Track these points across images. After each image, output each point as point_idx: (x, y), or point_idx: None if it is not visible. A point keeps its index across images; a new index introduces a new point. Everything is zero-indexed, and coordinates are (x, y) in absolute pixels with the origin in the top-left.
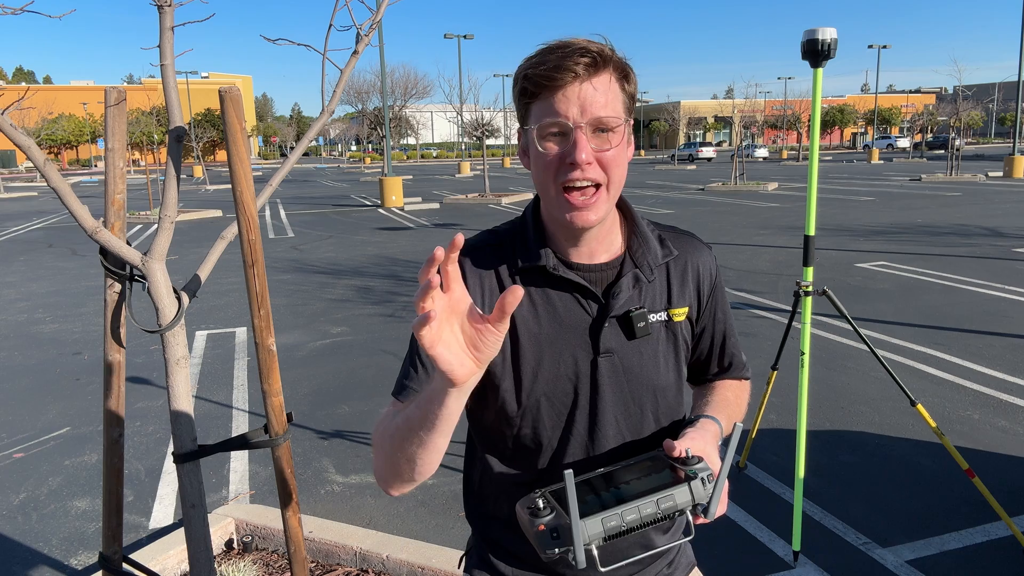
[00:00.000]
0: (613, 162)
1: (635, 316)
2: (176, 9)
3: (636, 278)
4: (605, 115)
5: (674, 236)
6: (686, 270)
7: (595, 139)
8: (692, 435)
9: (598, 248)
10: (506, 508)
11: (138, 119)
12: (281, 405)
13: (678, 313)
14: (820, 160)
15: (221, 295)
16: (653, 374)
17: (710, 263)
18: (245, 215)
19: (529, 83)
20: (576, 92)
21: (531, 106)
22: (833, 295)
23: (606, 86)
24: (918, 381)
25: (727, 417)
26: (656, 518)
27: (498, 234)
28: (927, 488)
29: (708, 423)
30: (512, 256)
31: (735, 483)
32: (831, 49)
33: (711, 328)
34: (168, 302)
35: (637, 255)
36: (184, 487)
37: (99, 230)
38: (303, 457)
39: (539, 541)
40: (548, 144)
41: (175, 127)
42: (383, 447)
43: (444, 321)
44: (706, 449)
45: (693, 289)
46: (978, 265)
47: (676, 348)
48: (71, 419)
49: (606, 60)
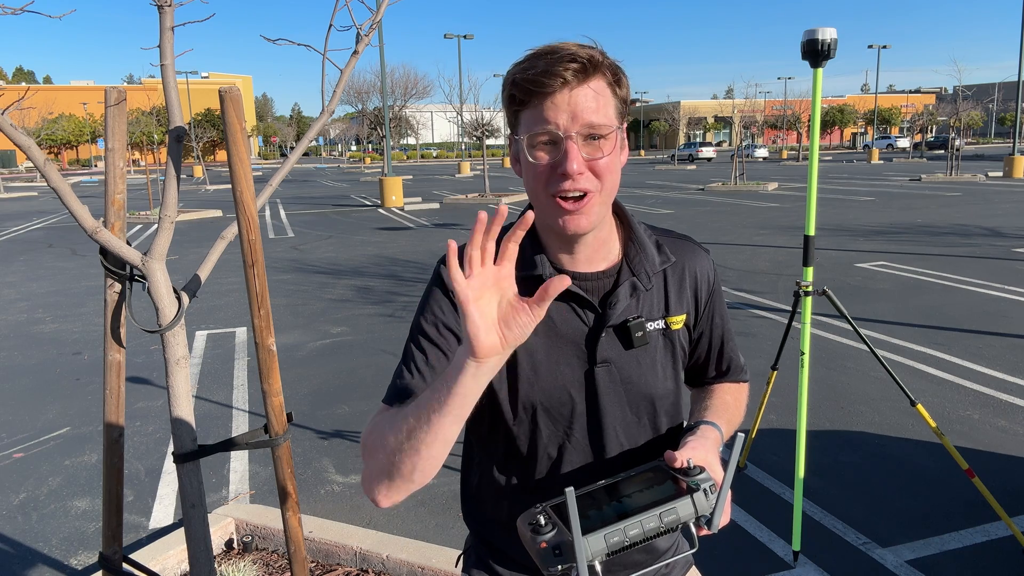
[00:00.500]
0: (606, 169)
1: (633, 326)
2: (176, 9)
3: (633, 287)
4: (597, 121)
5: (671, 241)
6: (684, 276)
7: (586, 147)
8: (693, 444)
9: (594, 256)
10: (504, 513)
11: (138, 119)
12: (281, 405)
13: (676, 321)
14: (820, 160)
15: (221, 295)
16: (652, 383)
17: (707, 268)
18: (245, 215)
19: (517, 90)
20: (566, 99)
21: (520, 114)
22: (833, 295)
23: (597, 92)
24: (918, 381)
25: (727, 422)
26: (659, 532)
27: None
28: (927, 488)
29: (708, 430)
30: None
31: (735, 483)
32: (831, 49)
33: (709, 333)
34: (168, 302)
35: (634, 263)
36: (184, 487)
37: (99, 230)
38: (303, 457)
39: (541, 558)
40: (538, 153)
41: (175, 127)
42: (381, 445)
43: (487, 287)
44: (708, 458)
45: (691, 295)
46: (978, 265)
47: (674, 356)
48: (71, 419)
49: (596, 65)
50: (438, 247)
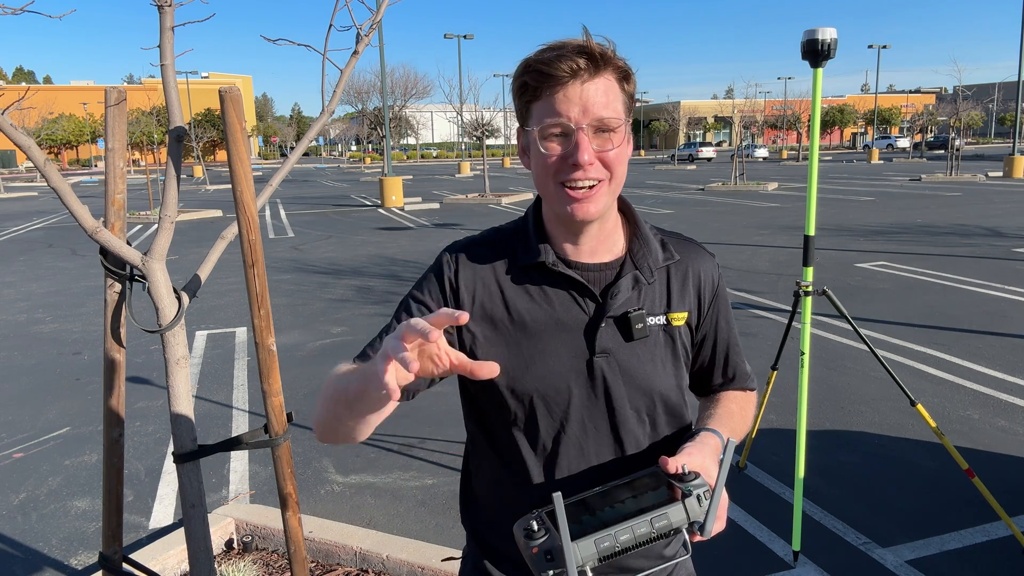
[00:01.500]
0: (615, 160)
1: (633, 317)
2: (176, 9)
3: (636, 279)
4: (607, 115)
5: (676, 241)
6: (687, 275)
7: (597, 139)
8: (690, 450)
9: (599, 247)
10: (502, 514)
11: (138, 119)
12: (281, 405)
13: (677, 317)
14: (820, 160)
15: (221, 295)
16: (652, 376)
17: (712, 271)
18: (245, 215)
19: (530, 76)
20: (577, 93)
21: (532, 105)
22: (833, 295)
23: (607, 86)
24: (918, 381)
25: (730, 429)
26: (650, 538)
27: (501, 231)
28: (927, 488)
29: (708, 436)
30: (512, 253)
31: (735, 483)
32: (831, 49)
33: (713, 336)
34: (168, 302)
35: (638, 257)
36: (184, 487)
37: (99, 230)
38: (303, 457)
39: (534, 563)
40: (550, 144)
41: (175, 127)
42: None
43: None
44: (704, 464)
45: (694, 295)
46: (978, 265)
47: (675, 352)
48: (71, 419)
49: (607, 60)
50: (438, 247)
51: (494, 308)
